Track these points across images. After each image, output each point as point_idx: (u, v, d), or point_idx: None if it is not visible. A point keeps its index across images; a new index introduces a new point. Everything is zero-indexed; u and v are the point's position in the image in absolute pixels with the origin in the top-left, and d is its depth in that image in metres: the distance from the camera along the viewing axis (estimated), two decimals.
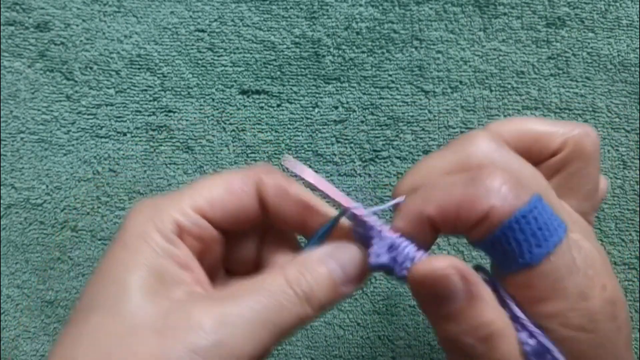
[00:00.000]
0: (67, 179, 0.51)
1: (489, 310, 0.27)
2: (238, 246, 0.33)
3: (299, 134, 0.52)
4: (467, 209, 0.27)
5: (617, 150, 0.52)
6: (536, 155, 0.32)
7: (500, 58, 0.53)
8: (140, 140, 0.52)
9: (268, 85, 0.52)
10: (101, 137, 0.52)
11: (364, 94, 0.52)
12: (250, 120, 0.52)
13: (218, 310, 0.26)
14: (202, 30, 0.53)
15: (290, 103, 0.52)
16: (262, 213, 0.31)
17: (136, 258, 0.27)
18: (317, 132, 0.52)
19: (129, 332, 0.25)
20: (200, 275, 0.29)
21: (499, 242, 0.27)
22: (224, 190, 0.30)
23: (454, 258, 0.28)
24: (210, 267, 0.31)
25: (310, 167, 0.52)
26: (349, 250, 0.31)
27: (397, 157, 0.52)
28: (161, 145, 0.52)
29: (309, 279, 0.28)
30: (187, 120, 0.52)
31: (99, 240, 0.52)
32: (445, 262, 0.27)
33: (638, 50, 0.53)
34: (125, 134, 0.52)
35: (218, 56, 0.53)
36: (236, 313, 0.26)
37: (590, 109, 0.52)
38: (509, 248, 0.27)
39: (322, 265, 0.29)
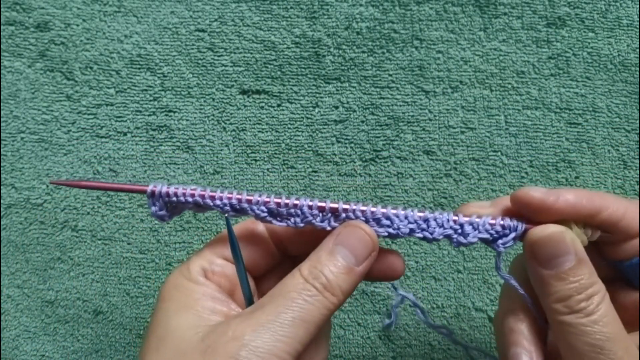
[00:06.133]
0: (67, 178, 0.51)
1: (594, 272, 0.31)
2: (269, 281, 0.37)
3: (299, 133, 0.52)
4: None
5: (617, 150, 0.52)
6: None
7: (501, 58, 0.53)
8: (140, 140, 0.52)
9: (268, 85, 0.52)
10: (101, 137, 0.52)
11: (364, 93, 0.52)
12: (250, 120, 0.52)
13: (250, 322, 0.30)
14: (203, 30, 0.53)
15: (291, 103, 0.52)
16: (280, 252, 0.36)
17: (173, 304, 0.33)
18: (317, 132, 0.52)
19: (178, 358, 0.30)
20: (232, 306, 0.34)
21: None
22: (243, 236, 0.35)
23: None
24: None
25: (310, 167, 0.52)
26: (356, 233, 0.33)
27: (398, 157, 0.52)
28: (161, 145, 0.52)
29: (325, 271, 0.31)
30: (187, 120, 0.52)
31: (99, 240, 0.52)
32: (561, 228, 0.32)
33: (638, 50, 0.53)
34: (125, 134, 0.52)
35: (218, 56, 0.53)
36: (265, 320, 0.30)
37: (591, 108, 0.52)
38: None
39: (333, 255, 0.32)
